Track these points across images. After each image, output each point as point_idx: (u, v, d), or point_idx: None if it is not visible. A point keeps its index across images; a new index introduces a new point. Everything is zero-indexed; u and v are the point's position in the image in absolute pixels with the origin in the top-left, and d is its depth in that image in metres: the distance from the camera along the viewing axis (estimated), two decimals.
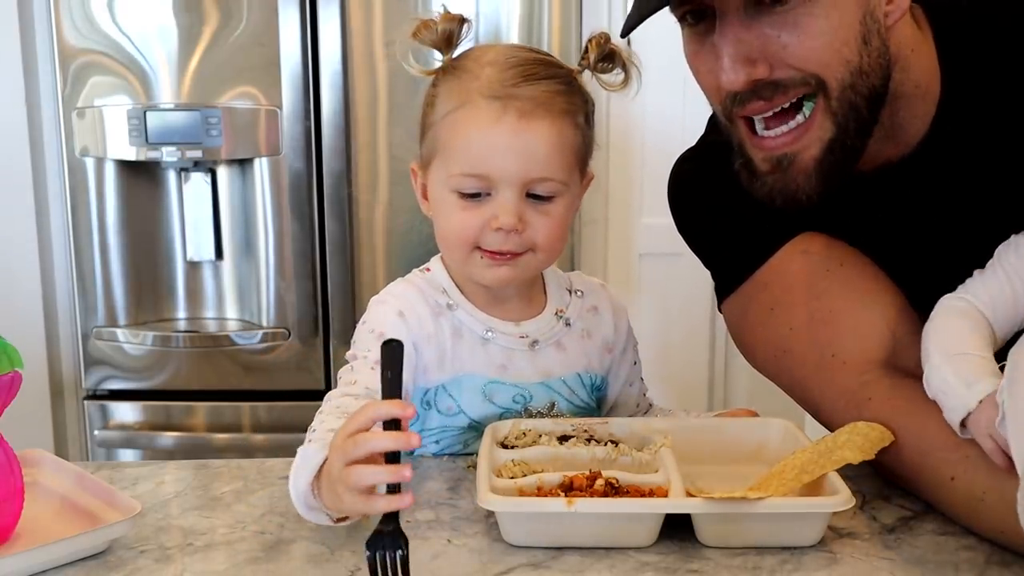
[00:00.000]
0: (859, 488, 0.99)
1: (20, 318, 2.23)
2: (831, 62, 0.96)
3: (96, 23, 2.14)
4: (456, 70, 1.04)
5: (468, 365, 1.08)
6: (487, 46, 1.07)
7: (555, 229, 1.04)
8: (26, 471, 0.92)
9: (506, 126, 1.00)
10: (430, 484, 1.03)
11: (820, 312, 1.05)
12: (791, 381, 1.09)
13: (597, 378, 1.15)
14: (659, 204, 1.33)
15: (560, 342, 1.12)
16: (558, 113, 1.02)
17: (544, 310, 1.13)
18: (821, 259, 1.07)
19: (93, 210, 2.22)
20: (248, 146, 2.17)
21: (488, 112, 1.00)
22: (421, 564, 0.87)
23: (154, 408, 2.28)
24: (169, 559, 0.88)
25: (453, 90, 1.03)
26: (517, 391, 1.09)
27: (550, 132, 1.01)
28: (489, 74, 1.01)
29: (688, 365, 2.39)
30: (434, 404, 1.09)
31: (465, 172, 1.01)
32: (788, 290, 1.08)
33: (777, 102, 0.97)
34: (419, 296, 1.09)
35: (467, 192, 1.02)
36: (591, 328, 1.15)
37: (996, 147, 1.02)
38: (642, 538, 0.89)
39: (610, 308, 1.17)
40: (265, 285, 2.25)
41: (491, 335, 1.09)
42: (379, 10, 2.14)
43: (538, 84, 1.01)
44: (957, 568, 0.86)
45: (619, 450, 1.00)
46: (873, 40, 0.97)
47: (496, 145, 1.00)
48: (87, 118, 2.16)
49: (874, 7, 0.97)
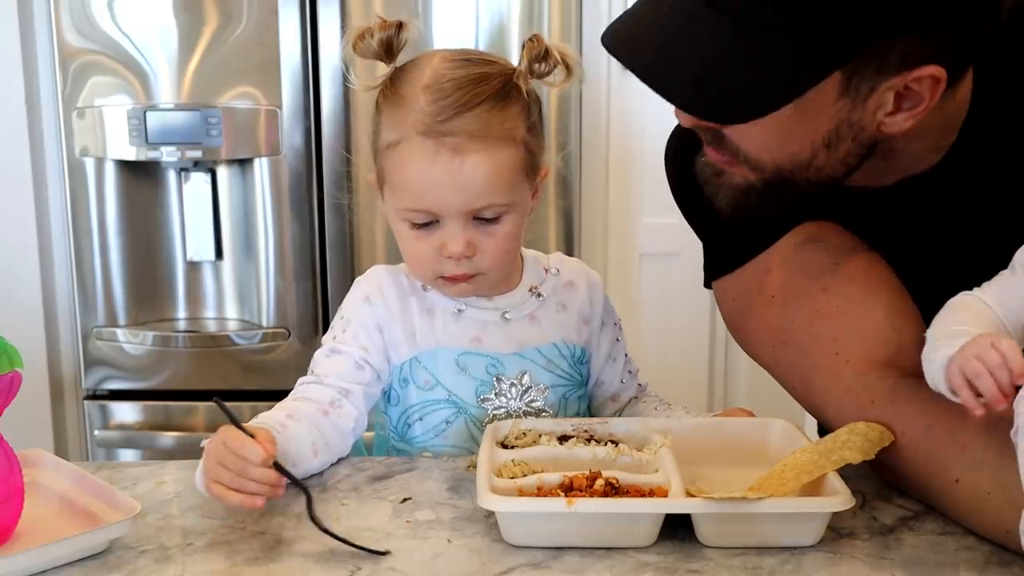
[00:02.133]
0: (859, 488, 0.98)
1: (20, 318, 2.23)
2: (774, 150, 0.94)
3: (96, 23, 2.14)
4: (395, 95, 1.05)
5: (442, 339, 1.12)
6: (425, 59, 1.06)
7: (502, 248, 1.08)
8: (26, 471, 0.91)
9: (441, 165, 1.01)
10: (430, 484, 1.03)
11: (825, 307, 1.04)
12: (789, 373, 1.08)
13: (577, 349, 1.17)
14: (659, 204, 1.33)
15: (533, 315, 1.15)
16: (494, 141, 1.03)
17: (519, 286, 1.16)
18: (829, 250, 1.06)
19: (93, 210, 2.22)
20: (248, 146, 2.17)
21: (423, 151, 1.02)
22: (421, 564, 0.87)
23: (154, 408, 2.28)
24: (169, 559, 0.88)
25: (392, 120, 1.05)
26: (489, 361, 1.12)
27: (486, 163, 1.02)
28: (423, 105, 1.02)
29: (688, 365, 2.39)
30: (411, 379, 1.12)
31: (409, 207, 1.05)
32: (793, 280, 1.06)
33: (711, 150, 0.99)
34: (391, 278, 1.14)
35: (416, 223, 1.06)
36: (566, 301, 1.17)
37: (1017, 160, 1.00)
38: (642, 538, 0.89)
39: (586, 283, 1.20)
40: (265, 285, 2.25)
41: (464, 309, 1.12)
42: (379, 10, 2.14)
43: (471, 113, 1.02)
44: (957, 568, 0.86)
45: (619, 450, 1.00)
46: (843, 145, 0.93)
47: (434, 183, 1.02)
48: (87, 118, 2.16)
49: (858, 119, 0.91)
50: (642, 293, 2.37)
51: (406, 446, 1.15)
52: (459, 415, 1.12)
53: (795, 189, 0.97)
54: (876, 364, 1.00)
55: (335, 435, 1.06)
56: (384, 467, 1.08)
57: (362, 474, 1.06)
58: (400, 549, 0.90)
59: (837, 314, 1.03)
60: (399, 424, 1.14)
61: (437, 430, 1.13)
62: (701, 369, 2.41)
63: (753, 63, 0.87)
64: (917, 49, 0.87)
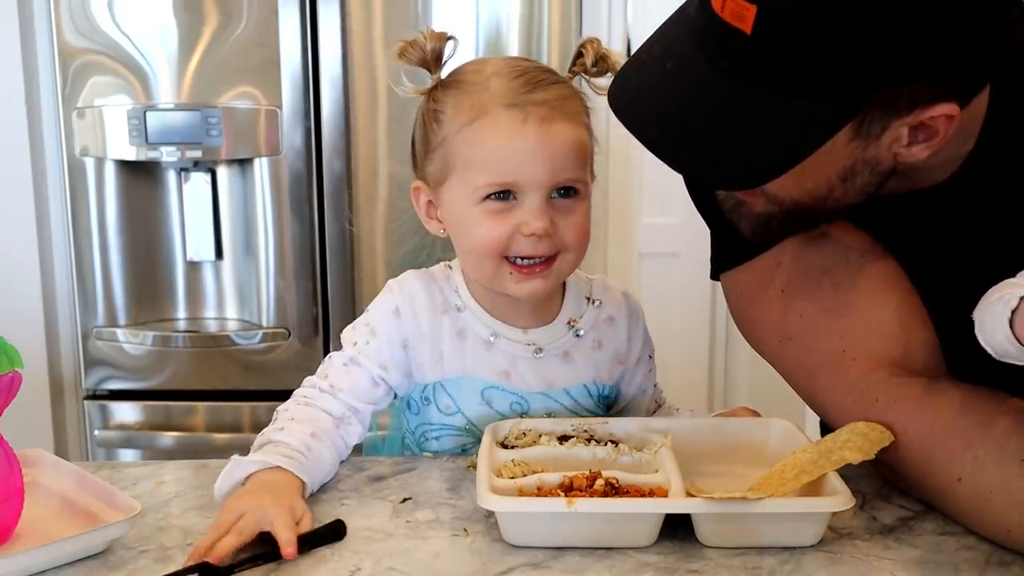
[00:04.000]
0: (859, 488, 0.99)
1: (20, 318, 2.23)
2: (790, 188, 0.92)
3: (96, 23, 2.14)
4: (459, 84, 1.04)
5: (470, 368, 1.09)
6: (481, 60, 1.07)
7: (582, 226, 1.04)
8: (26, 471, 0.92)
9: (530, 132, 1.00)
10: (430, 484, 1.03)
11: (835, 303, 1.03)
12: (794, 368, 1.06)
13: (605, 388, 1.14)
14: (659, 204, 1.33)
15: (568, 352, 1.11)
16: (573, 115, 1.03)
17: (556, 318, 1.12)
18: (841, 247, 1.05)
19: (93, 210, 2.22)
20: (248, 146, 2.17)
21: (508, 120, 1.00)
22: (421, 564, 0.87)
23: (154, 408, 2.28)
24: (169, 559, 0.88)
25: (463, 103, 1.02)
26: (515, 398, 1.10)
27: (570, 134, 1.02)
28: (498, 84, 1.01)
29: (688, 365, 2.39)
30: (433, 401, 1.10)
31: (490, 182, 1.01)
32: (803, 274, 1.05)
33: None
34: (425, 292, 1.09)
35: (495, 202, 1.02)
36: (603, 339, 1.13)
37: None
38: (642, 538, 0.89)
39: (626, 319, 1.16)
40: (265, 285, 2.25)
41: (495, 339, 1.09)
42: (379, 10, 2.14)
43: (549, 89, 1.02)
44: (957, 568, 0.86)
45: (619, 450, 1.00)
46: (859, 179, 0.92)
47: (521, 152, 1.00)
48: (87, 118, 2.16)
49: (873, 156, 0.90)
50: (642, 293, 2.36)
51: (419, 452, 1.15)
52: (477, 444, 1.08)
53: (815, 216, 0.98)
54: (882, 363, 1.00)
55: (344, 449, 1.06)
56: (384, 467, 1.08)
57: (362, 474, 1.06)
58: (400, 549, 0.90)
59: (845, 311, 1.02)
60: (417, 433, 1.14)
61: (452, 452, 1.12)
62: (701, 369, 2.42)
63: (759, 130, 0.85)
64: (925, 91, 0.85)
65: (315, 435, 1.02)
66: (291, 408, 1.06)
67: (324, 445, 1.02)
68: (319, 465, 1.01)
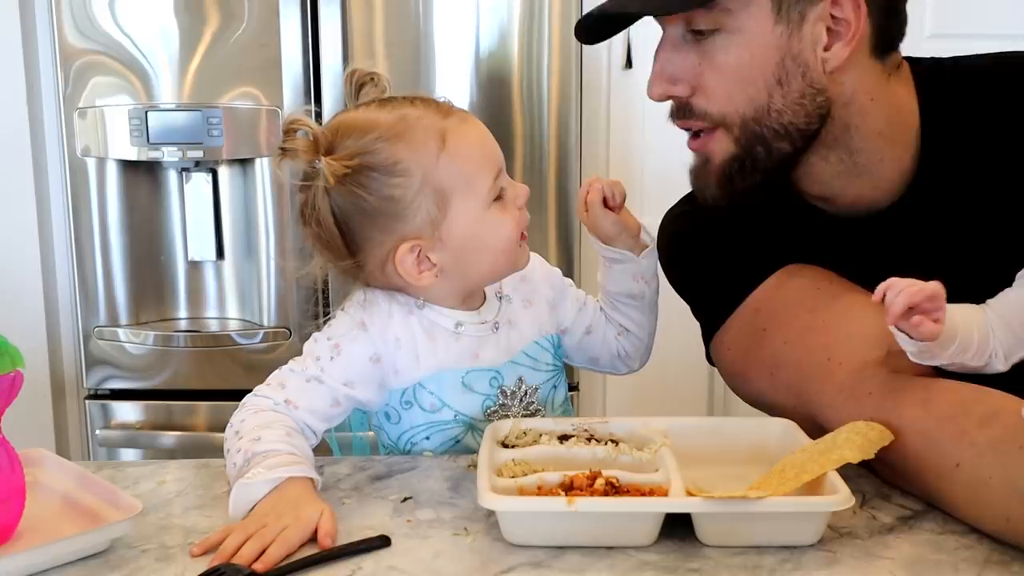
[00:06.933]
0: (859, 488, 0.99)
1: (21, 318, 2.23)
2: (735, 97, 1.05)
3: (97, 23, 2.14)
4: (395, 134, 1.05)
5: (444, 360, 1.10)
6: (372, 113, 1.10)
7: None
8: (27, 470, 0.92)
9: (475, 125, 1.09)
10: (430, 483, 1.04)
11: (814, 323, 1.07)
12: (787, 392, 1.09)
13: (555, 337, 1.19)
14: (659, 204, 1.33)
15: (511, 320, 1.15)
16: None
17: (487, 295, 1.16)
18: (810, 280, 1.11)
19: (94, 210, 2.22)
20: (249, 146, 2.17)
21: (461, 126, 1.07)
22: (421, 563, 0.87)
23: (155, 408, 2.28)
24: (170, 558, 0.89)
25: (416, 139, 1.04)
26: (491, 375, 1.12)
27: None
28: (424, 109, 1.07)
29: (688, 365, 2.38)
30: (415, 402, 1.11)
31: (494, 173, 1.07)
32: (780, 309, 1.11)
33: (684, 123, 1.10)
34: (387, 301, 1.10)
35: (500, 191, 1.08)
36: (528, 296, 1.18)
37: (980, 201, 1.08)
38: (642, 537, 0.90)
39: (534, 271, 1.19)
40: (266, 285, 2.25)
41: (460, 327, 1.11)
42: (379, 10, 2.14)
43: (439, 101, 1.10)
44: (956, 568, 0.86)
45: (619, 449, 1.01)
46: (793, 83, 1.04)
47: (486, 142, 1.09)
48: (88, 118, 2.16)
49: (799, 52, 1.04)
50: None
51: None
52: (468, 432, 1.11)
53: (768, 150, 1.06)
54: (868, 363, 1.02)
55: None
56: (385, 466, 1.08)
57: (363, 473, 1.06)
58: (401, 548, 0.90)
59: (825, 327, 1.06)
60: (401, 441, 1.13)
61: (445, 446, 1.12)
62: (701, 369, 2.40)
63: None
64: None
65: (290, 433, 1.02)
66: (248, 419, 1.03)
67: (301, 439, 1.03)
68: (310, 458, 1.01)
